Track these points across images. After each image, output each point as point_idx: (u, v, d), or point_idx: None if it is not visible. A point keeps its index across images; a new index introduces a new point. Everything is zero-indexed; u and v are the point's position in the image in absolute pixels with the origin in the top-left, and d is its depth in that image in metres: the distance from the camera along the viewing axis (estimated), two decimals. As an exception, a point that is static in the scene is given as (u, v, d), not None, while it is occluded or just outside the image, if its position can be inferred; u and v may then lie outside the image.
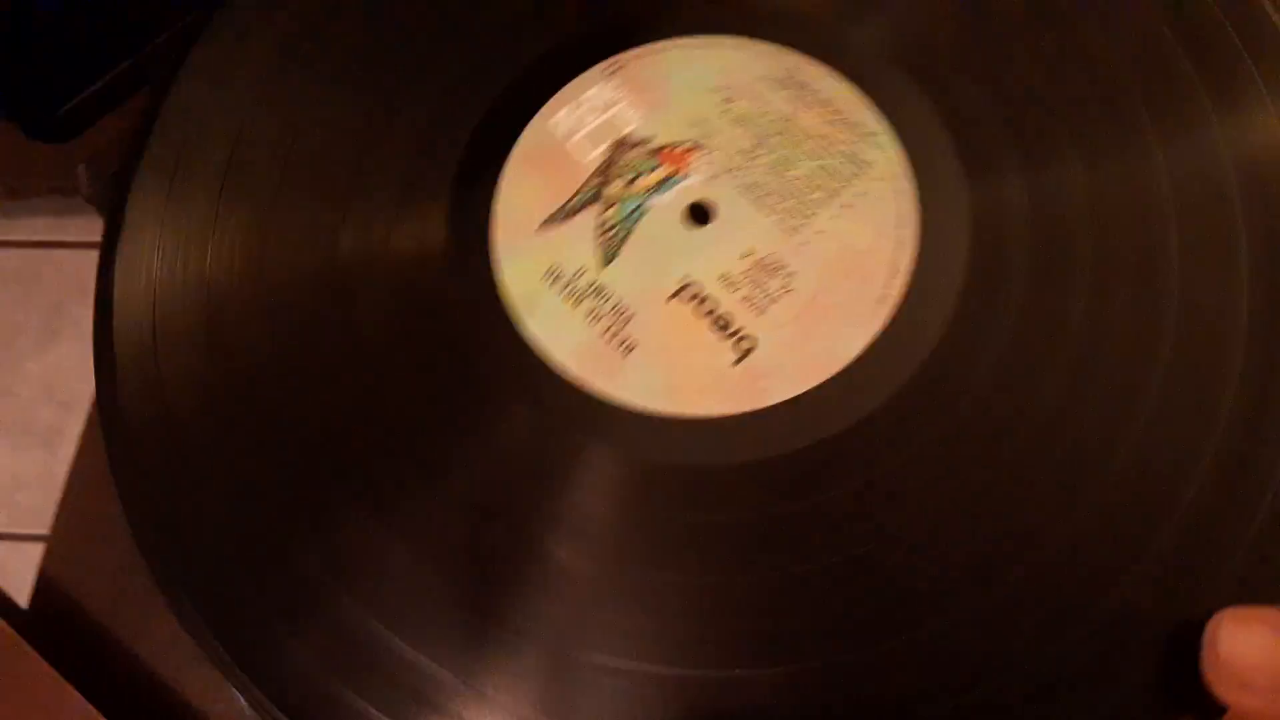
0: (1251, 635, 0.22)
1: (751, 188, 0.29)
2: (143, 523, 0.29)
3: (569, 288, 0.29)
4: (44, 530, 0.37)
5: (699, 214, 0.29)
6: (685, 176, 0.29)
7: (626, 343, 0.28)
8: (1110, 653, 0.24)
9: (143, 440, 0.29)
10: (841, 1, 0.31)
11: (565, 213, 0.30)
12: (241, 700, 0.27)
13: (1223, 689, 0.22)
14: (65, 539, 0.38)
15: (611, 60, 0.31)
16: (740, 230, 0.29)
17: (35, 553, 0.36)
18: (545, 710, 0.25)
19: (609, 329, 0.28)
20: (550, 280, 0.29)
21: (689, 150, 0.30)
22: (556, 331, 0.28)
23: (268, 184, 0.31)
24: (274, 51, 0.32)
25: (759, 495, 0.26)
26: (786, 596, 0.25)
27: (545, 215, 0.30)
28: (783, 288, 0.28)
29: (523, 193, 0.30)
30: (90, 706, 0.32)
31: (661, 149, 0.30)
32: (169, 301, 0.30)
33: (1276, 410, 0.25)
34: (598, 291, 0.29)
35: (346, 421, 0.28)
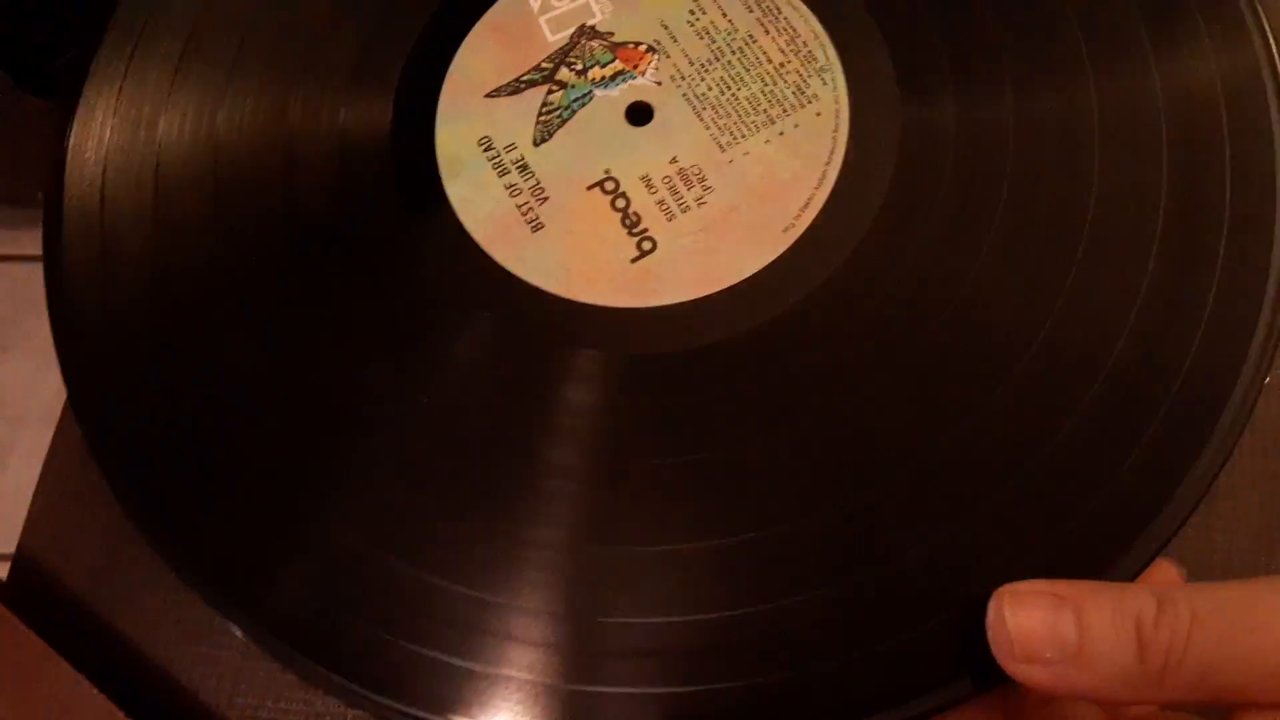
0: (1032, 610, 0.22)
1: (695, 99, 0.29)
2: (94, 421, 0.29)
3: (497, 159, 0.29)
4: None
5: (639, 114, 0.29)
6: (636, 75, 0.29)
7: (537, 221, 0.28)
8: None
9: (86, 314, 0.29)
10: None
11: (514, 86, 0.30)
12: (237, 631, 0.27)
13: (1012, 666, 0.22)
14: (44, 515, 0.37)
15: (599, -50, 0.31)
16: (674, 137, 0.29)
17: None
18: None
19: (524, 205, 0.29)
20: (482, 148, 0.29)
21: (646, 52, 0.30)
22: (475, 197, 0.29)
23: (229, 47, 0.31)
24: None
25: (620, 385, 0.27)
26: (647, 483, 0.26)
27: (495, 85, 0.30)
28: (697, 199, 0.28)
29: (481, 59, 0.30)
30: (78, 674, 0.32)
31: (621, 45, 0.30)
32: (119, 173, 0.30)
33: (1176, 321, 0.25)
34: (523, 168, 0.29)
35: (284, 289, 0.29)
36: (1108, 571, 0.24)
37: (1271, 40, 0.28)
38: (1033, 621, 0.21)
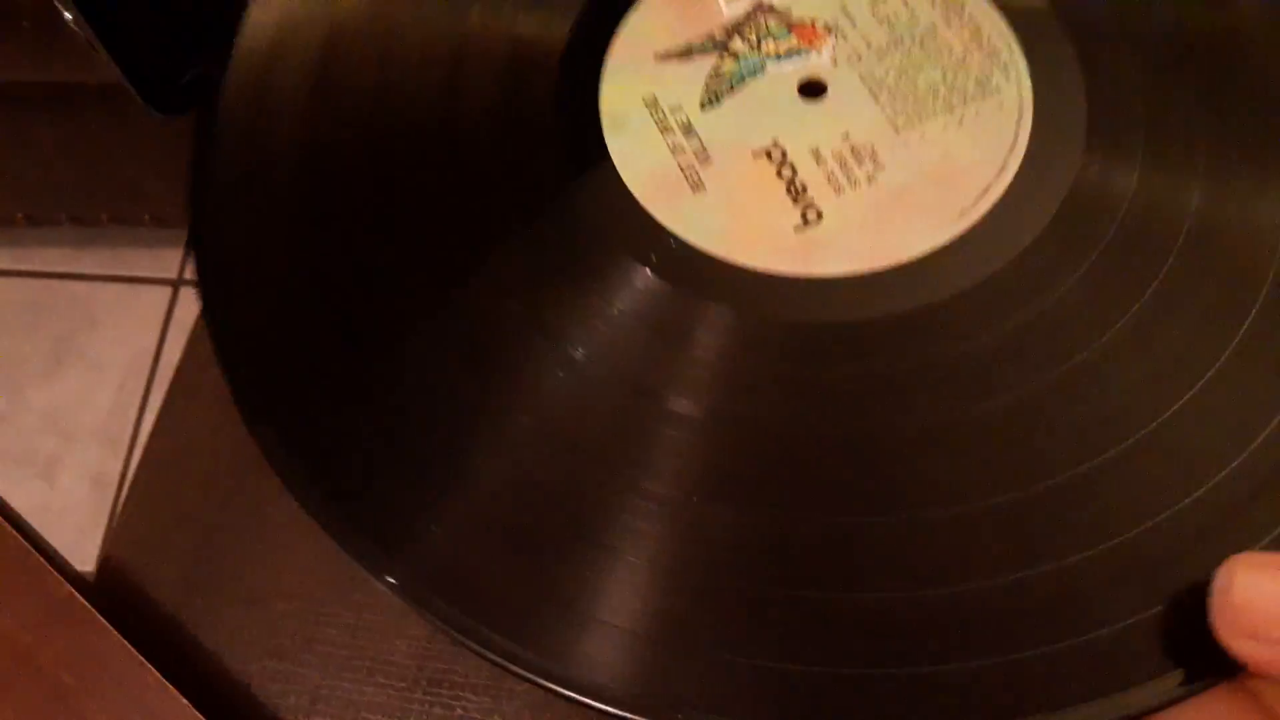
0: (1266, 582, 0.19)
1: (873, 80, 0.28)
2: (234, 358, 0.27)
3: (662, 119, 0.28)
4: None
5: (811, 88, 0.28)
6: (812, 52, 0.28)
7: (698, 181, 0.27)
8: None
9: (233, 198, 0.28)
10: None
11: (686, 52, 0.29)
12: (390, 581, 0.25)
13: (1232, 639, 0.20)
14: (133, 522, 0.37)
15: (782, -68, 0.30)
16: (847, 113, 0.28)
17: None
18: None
19: (686, 164, 0.27)
20: (648, 107, 0.28)
21: (824, 31, 0.29)
22: (637, 152, 0.28)
23: None
24: None
25: (775, 355, 0.25)
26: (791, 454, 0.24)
27: (666, 48, 0.29)
28: (868, 176, 0.27)
29: (654, 20, 0.29)
30: (164, 680, 0.31)
31: (798, 23, 0.29)
32: (285, 58, 0.30)
33: None
34: (687, 129, 0.28)
35: (437, 225, 0.28)
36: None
37: None
38: (1265, 595, 0.19)
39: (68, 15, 0.30)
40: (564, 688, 0.22)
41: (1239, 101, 0.27)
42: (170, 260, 0.93)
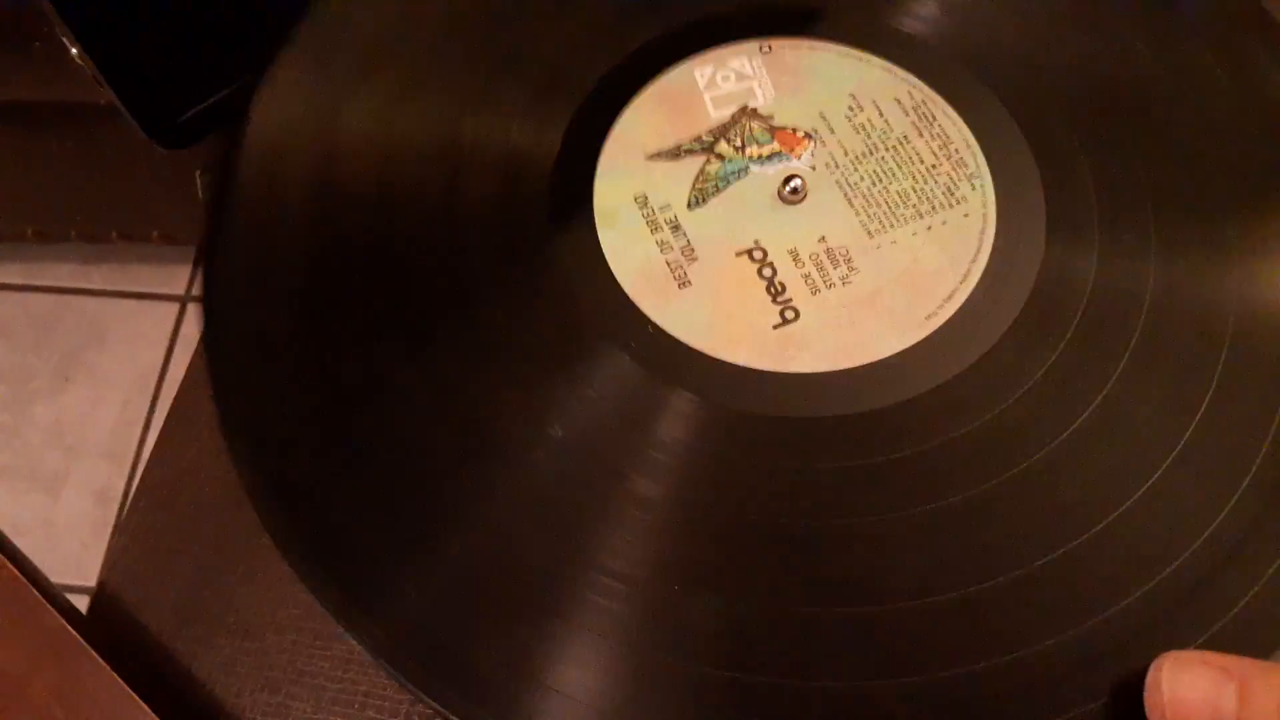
0: (1193, 679, 0.21)
1: (847, 186, 0.30)
2: (234, 414, 0.28)
3: (652, 216, 0.30)
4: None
5: (791, 192, 0.30)
6: (792, 158, 0.30)
7: (685, 278, 0.29)
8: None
9: (238, 304, 0.30)
10: (996, 70, 0.31)
11: (675, 153, 0.31)
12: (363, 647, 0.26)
13: None
14: (128, 550, 0.37)
15: (768, 40, 0.32)
16: (823, 218, 0.29)
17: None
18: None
19: (673, 261, 0.29)
20: (639, 204, 0.30)
21: (804, 137, 0.31)
22: (627, 248, 0.29)
23: (413, 64, 0.32)
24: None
25: (748, 446, 0.27)
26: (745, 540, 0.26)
27: (656, 149, 0.31)
28: (842, 279, 0.29)
29: (645, 122, 0.31)
30: (154, 716, 0.31)
31: (780, 129, 0.31)
32: (290, 164, 0.31)
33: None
34: (675, 227, 0.30)
35: (435, 306, 0.29)
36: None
37: None
38: (1193, 691, 0.21)
39: (73, 50, 0.32)
40: None
41: (1183, 174, 0.29)
42: (178, 276, 0.94)
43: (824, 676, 0.24)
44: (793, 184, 0.29)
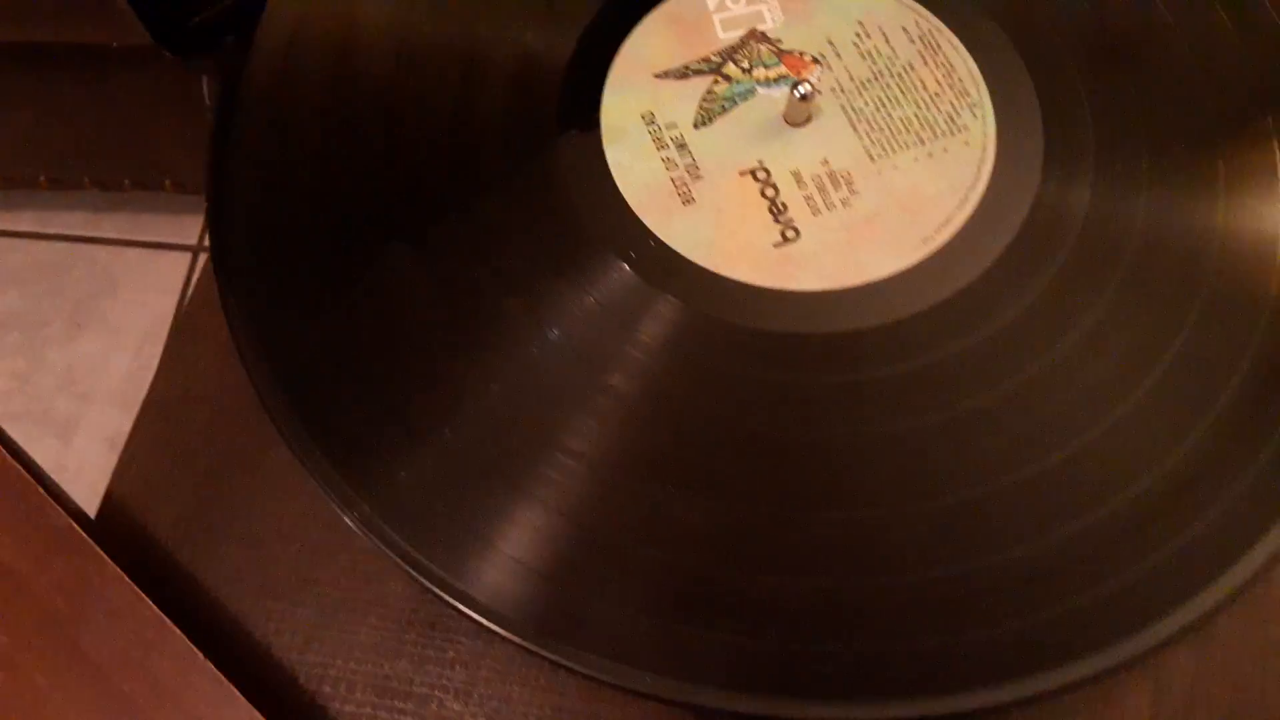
0: None
1: (853, 111, 0.29)
2: (239, 295, 0.29)
3: (658, 134, 0.29)
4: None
5: (797, 115, 0.29)
6: (798, 81, 0.30)
7: (688, 195, 0.29)
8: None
9: (247, 191, 0.30)
10: (1003, 3, 0.31)
11: (683, 72, 0.30)
12: (352, 518, 0.27)
13: None
14: (135, 462, 0.36)
15: (778, -34, 0.31)
16: (828, 141, 0.29)
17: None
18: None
19: (678, 178, 0.29)
20: (645, 122, 0.30)
21: (811, 62, 0.30)
22: (632, 164, 0.29)
23: None
24: None
25: (745, 357, 0.27)
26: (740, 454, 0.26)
27: (664, 68, 0.30)
28: (843, 201, 0.28)
29: (654, 42, 0.30)
30: (161, 614, 0.31)
31: (788, 52, 0.30)
32: (305, 54, 0.31)
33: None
34: (681, 145, 0.29)
35: (443, 206, 0.29)
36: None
37: None
38: None
39: None
40: (477, 613, 0.25)
41: (1175, 108, 0.29)
42: (191, 226, 0.93)
43: (770, 571, 0.24)
44: (800, 90, 0.29)
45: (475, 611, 0.25)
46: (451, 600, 0.25)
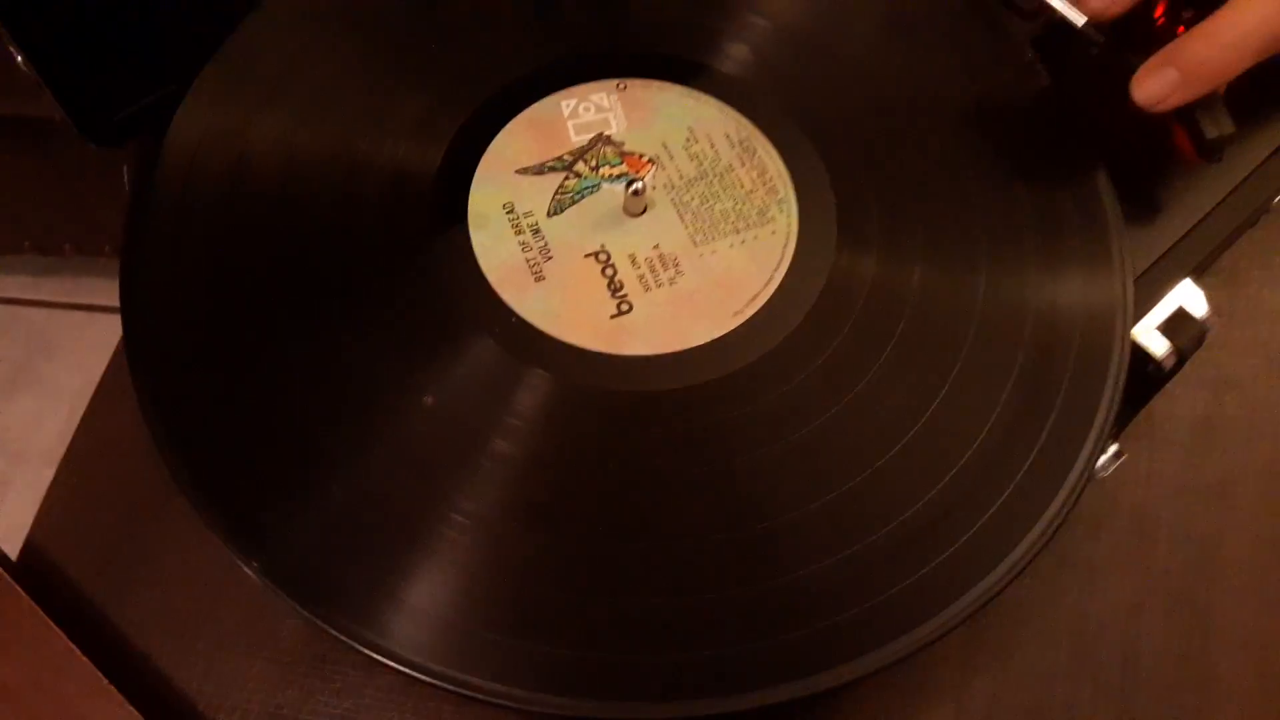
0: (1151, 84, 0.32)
1: (680, 204, 0.35)
2: (148, 378, 0.32)
3: (516, 221, 0.34)
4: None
5: (634, 207, 0.34)
6: (637, 178, 0.35)
7: (540, 273, 0.33)
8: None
9: (153, 288, 0.33)
10: (809, 112, 0.36)
11: (539, 169, 0.35)
12: (251, 571, 0.30)
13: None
14: (56, 507, 0.39)
15: (624, 80, 0.37)
16: (659, 229, 0.34)
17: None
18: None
19: (531, 259, 0.33)
20: (505, 211, 0.34)
21: (648, 162, 0.35)
22: (493, 246, 0.34)
23: (319, 86, 0.36)
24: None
25: (586, 414, 0.31)
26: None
27: (524, 165, 0.35)
28: (670, 279, 0.33)
29: (516, 143, 0.35)
30: (71, 644, 0.34)
31: (629, 153, 0.35)
32: (205, 172, 0.35)
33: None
34: (536, 231, 0.34)
35: (328, 289, 0.33)
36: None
37: (1131, 286, 0.34)
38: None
39: (18, 57, 0.35)
40: (379, 654, 0.28)
41: (947, 193, 0.35)
42: (128, 291, 0.94)
43: (635, 594, 0.29)
44: (635, 186, 0.34)
45: (360, 644, 0.29)
46: (339, 635, 0.29)
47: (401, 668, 0.28)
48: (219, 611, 0.38)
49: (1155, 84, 0.33)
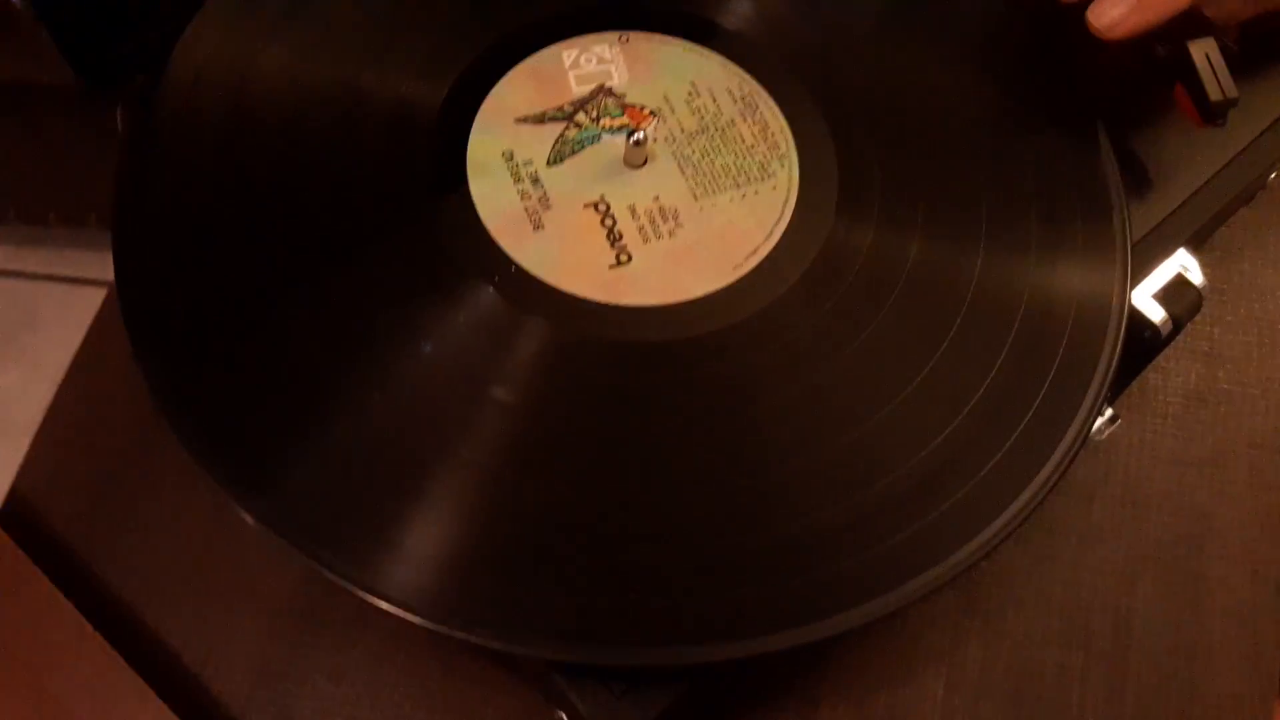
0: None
1: (682, 157, 0.34)
2: (139, 319, 0.31)
3: (515, 170, 0.34)
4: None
5: (635, 158, 0.34)
6: (638, 130, 0.34)
7: (539, 223, 0.33)
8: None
9: (147, 221, 0.32)
10: (813, 70, 0.36)
11: (540, 119, 0.35)
12: (248, 517, 0.29)
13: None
14: (42, 452, 0.40)
15: (626, 33, 0.36)
16: (660, 181, 0.34)
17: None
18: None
19: (531, 208, 0.33)
20: (505, 159, 0.34)
21: (649, 114, 0.35)
22: (492, 194, 0.33)
23: (323, 20, 0.35)
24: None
25: (583, 363, 0.31)
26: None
27: (524, 114, 0.35)
28: (670, 232, 0.33)
29: (516, 92, 0.35)
30: (55, 589, 0.34)
31: (630, 105, 0.35)
32: (210, 91, 0.34)
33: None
34: (535, 180, 0.33)
35: (326, 231, 0.32)
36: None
37: (1129, 252, 0.34)
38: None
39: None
40: (375, 596, 0.27)
41: (950, 167, 0.34)
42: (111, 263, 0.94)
43: (629, 542, 0.28)
44: (636, 137, 0.33)
45: (358, 587, 0.28)
46: (337, 578, 0.28)
47: (397, 610, 0.27)
48: (206, 563, 0.38)
49: (1111, 6, 0.32)
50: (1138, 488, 0.39)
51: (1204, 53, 0.33)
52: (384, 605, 0.27)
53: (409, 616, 0.27)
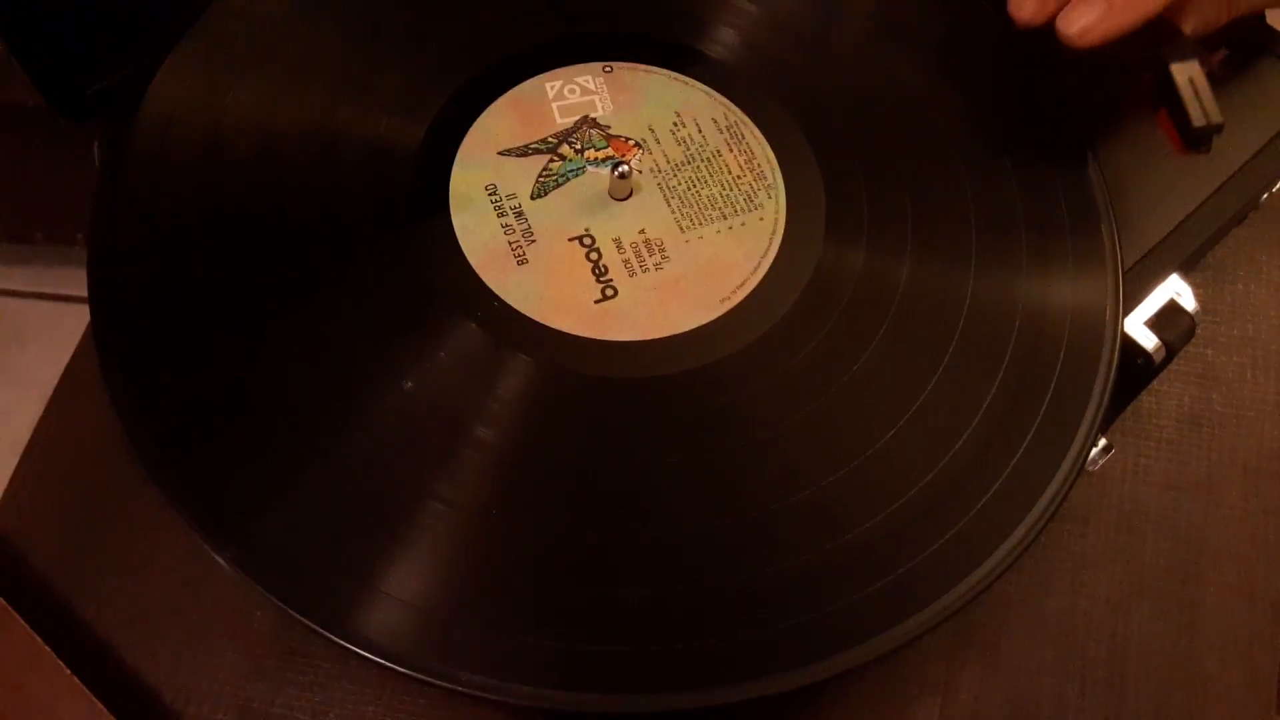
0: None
1: (667, 189, 0.34)
2: (116, 362, 0.30)
3: (499, 203, 0.33)
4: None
5: (620, 191, 0.33)
6: (622, 162, 0.34)
7: (523, 257, 0.32)
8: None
9: (126, 269, 0.32)
10: (797, 97, 0.35)
11: (523, 151, 0.34)
12: (223, 562, 0.28)
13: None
14: (20, 494, 0.38)
15: (610, 63, 0.36)
16: (645, 213, 0.33)
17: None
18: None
19: (514, 242, 0.32)
20: (488, 193, 0.33)
21: (634, 146, 0.34)
22: (475, 228, 0.33)
23: (299, 58, 0.35)
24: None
25: (568, 399, 0.30)
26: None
27: (507, 146, 0.34)
28: (656, 265, 0.32)
29: (499, 123, 0.34)
30: (33, 634, 0.33)
31: (615, 137, 0.34)
32: (182, 137, 0.33)
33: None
34: (519, 214, 0.33)
35: (304, 269, 0.32)
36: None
37: (1121, 280, 0.33)
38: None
39: None
40: (351, 644, 0.27)
41: (939, 189, 0.34)
42: (99, 280, 0.94)
43: (614, 584, 0.28)
44: (621, 169, 0.33)
45: (334, 635, 0.27)
46: (313, 625, 0.27)
47: (375, 658, 0.27)
48: (187, 602, 0.37)
49: (1081, 14, 0.31)
50: (1132, 513, 0.38)
51: (1187, 76, 0.32)
52: (361, 652, 0.27)
53: (387, 664, 0.26)
